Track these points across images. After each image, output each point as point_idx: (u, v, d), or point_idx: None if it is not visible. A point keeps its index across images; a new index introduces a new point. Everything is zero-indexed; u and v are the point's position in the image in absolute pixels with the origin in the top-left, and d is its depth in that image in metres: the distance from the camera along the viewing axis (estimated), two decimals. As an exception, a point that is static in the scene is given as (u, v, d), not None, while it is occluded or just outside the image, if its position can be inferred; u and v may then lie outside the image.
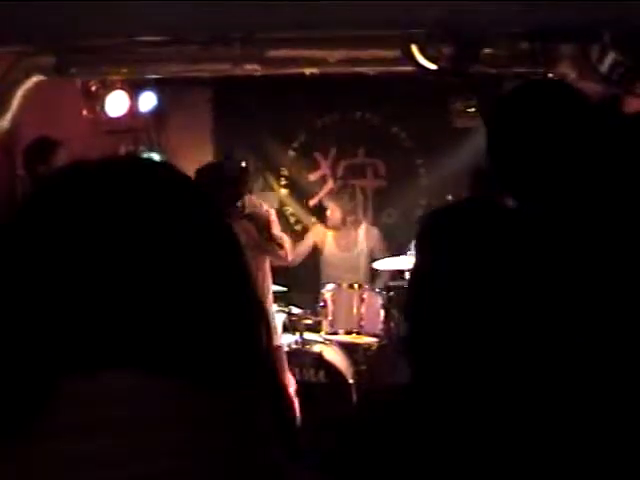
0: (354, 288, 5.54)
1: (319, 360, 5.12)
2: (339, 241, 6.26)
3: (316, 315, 5.63)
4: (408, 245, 5.43)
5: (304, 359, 5.08)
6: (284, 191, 7.28)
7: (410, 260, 5.38)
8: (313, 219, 6.97)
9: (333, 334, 5.45)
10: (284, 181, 7.28)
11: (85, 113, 6.23)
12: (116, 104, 6.31)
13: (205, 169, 4.35)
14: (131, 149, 6.52)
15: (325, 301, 5.52)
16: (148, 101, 6.63)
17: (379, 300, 5.55)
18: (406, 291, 1.37)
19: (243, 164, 4.75)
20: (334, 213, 6.22)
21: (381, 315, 5.51)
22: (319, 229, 6.43)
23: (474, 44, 4.91)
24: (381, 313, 5.51)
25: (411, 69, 5.11)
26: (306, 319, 5.55)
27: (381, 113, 7.05)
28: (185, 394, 0.75)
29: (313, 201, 7.16)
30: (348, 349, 5.44)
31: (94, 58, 5.38)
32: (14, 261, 0.77)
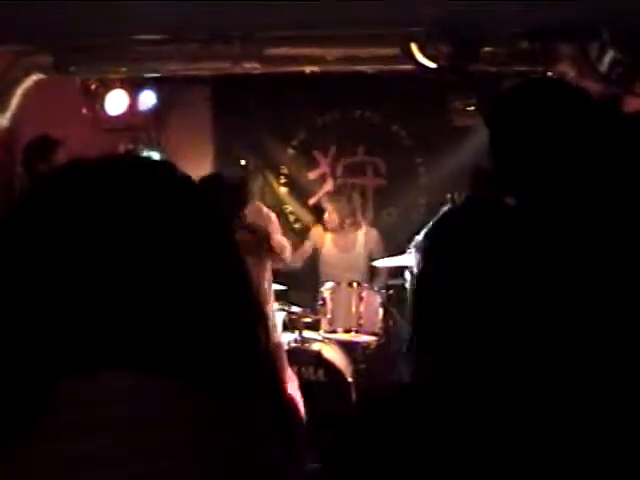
0: (353, 287, 5.53)
1: (318, 358, 5.12)
2: (338, 242, 6.25)
3: (315, 313, 5.62)
4: (408, 244, 5.43)
5: (303, 357, 5.08)
6: (283, 189, 7.27)
7: (410, 259, 5.37)
8: (312, 218, 6.96)
9: (332, 332, 5.44)
10: (283, 179, 7.27)
11: (85, 111, 6.23)
12: (115, 102, 6.30)
13: (205, 180, 4.34)
14: (130, 147, 6.51)
15: (324, 299, 5.52)
16: (147, 99, 6.62)
17: (378, 299, 5.55)
18: (412, 292, 1.37)
19: (243, 174, 4.69)
20: (332, 215, 6.21)
21: (380, 314, 5.50)
22: (318, 230, 6.42)
23: (474, 43, 4.91)
24: (380, 312, 5.51)
25: (411, 67, 5.10)
26: (305, 317, 5.55)
27: (381, 111, 7.04)
28: (185, 394, 0.75)
29: (312, 200, 7.15)
30: (347, 347, 5.44)
31: (93, 57, 5.37)
32: (12, 260, 0.77)
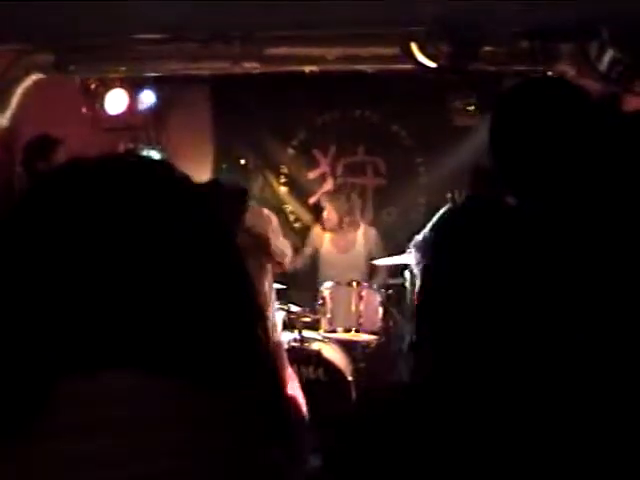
0: (353, 286, 5.53)
1: (318, 358, 5.12)
2: (337, 242, 6.24)
3: (315, 313, 5.62)
4: (407, 244, 5.42)
5: (303, 357, 5.07)
6: (283, 189, 7.28)
7: (409, 258, 5.36)
8: (312, 217, 6.96)
9: (332, 332, 5.44)
10: (284, 179, 7.27)
11: (84, 111, 6.23)
12: (115, 102, 6.30)
13: (204, 186, 4.30)
14: (130, 147, 6.52)
15: (324, 299, 5.52)
16: (147, 99, 6.62)
17: (378, 298, 5.55)
18: (417, 293, 1.37)
19: (242, 179, 4.61)
20: (330, 215, 6.20)
21: (380, 313, 5.51)
22: (317, 230, 6.41)
23: (473, 42, 4.90)
24: (380, 311, 5.51)
25: (411, 67, 5.10)
26: (305, 317, 5.55)
27: (381, 111, 7.04)
28: (185, 394, 0.75)
29: (313, 199, 7.15)
30: (347, 347, 5.44)
31: (93, 56, 5.37)
32: (12, 260, 0.77)
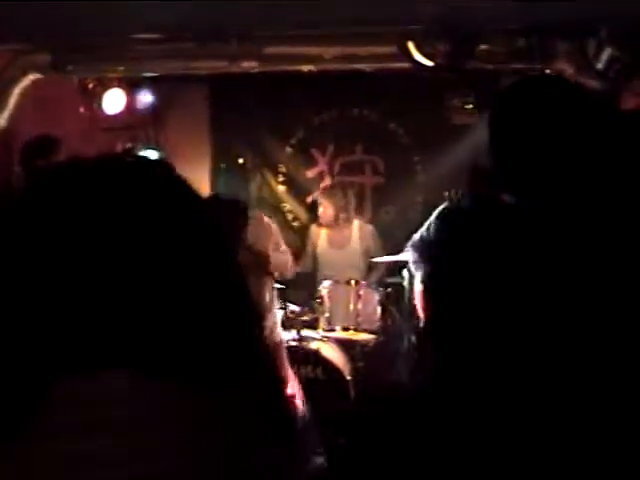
0: (351, 285, 5.53)
1: (316, 357, 5.12)
2: (332, 239, 6.24)
3: (313, 312, 5.62)
4: (405, 242, 5.43)
5: (301, 356, 5.08)
6: (282, 188, 7.28)
7: (407, 256, 5.38)
8: (310, 216, 6.96)
9: (330, 331, 5.44)
10: (282, 178, 7.27)
11: (82, 111, 6.23)
12: (113, 101, 6.30)
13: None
14: (128, 146, 6.51)
15: (322, 298, 5.52)
16: (145, 98, 6.62)
17: (376, 296, 5.55)
18: (422, 293, 1.38)
19: (242, 201, 4.54)
20: (326, 210, 6.19)
21: (378, 312, 5.51)
22: (315, 228, 6.41)
23: (470, 40, 4.91)
24: (378, 310, 5.51)
25: (408, 65, 5.10)
26: (303, 316, 5.55)
27: (379, 110, 7.03)
28: (185, 394, 0.75)
29: (311, 198, 7.16)
30: (345, 346, 5.44)
31: (91, 56, 5.37)
32: (11, 260, 0.77)
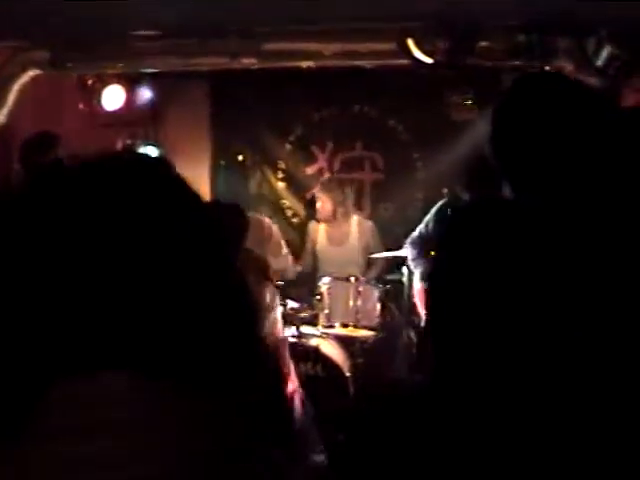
0: (350, 281, 5.53)
1: (316, 353, 5.12)
2: (331, 235, 6.22)
3: (312, 308, 5.62)
4: (404, 239, 5.43)
5: (301, 353, 5.08)
6: (281, 184, 7.28)
7: (406, 252, 5.39)
8: (309, 212, 6.95)
9: (329, 327, 5.45)
10: (281, 174, 7.27)
11: (81, 107, 6.22)
12: (113, 98, 6.30)
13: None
14: (128, 143, 6.51)
15: (321, 294, 5.52)
16: (145, 95, 6.62)
17: (375, 293, 5.55)
18: (423, 292, 1.38)
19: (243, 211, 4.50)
20: (324, 205, 6.18)
21: (377, 308, 5.51)
22: (314, 225, 6.40)
23: (470, 37, 4.90)
24: (377, 306, 5.52)
25: (408, 62, 5.10)
26: (303, 312, 5.55)
27: (378, 106, 7.03)
28: (184, 395, 0.75)
29: (309, 194, 7.16)
30: (345, 342, 5.44)
31: (90, 52, 5.36)
32: (9, 259, 0.77)
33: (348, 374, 5.09)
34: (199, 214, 0.84)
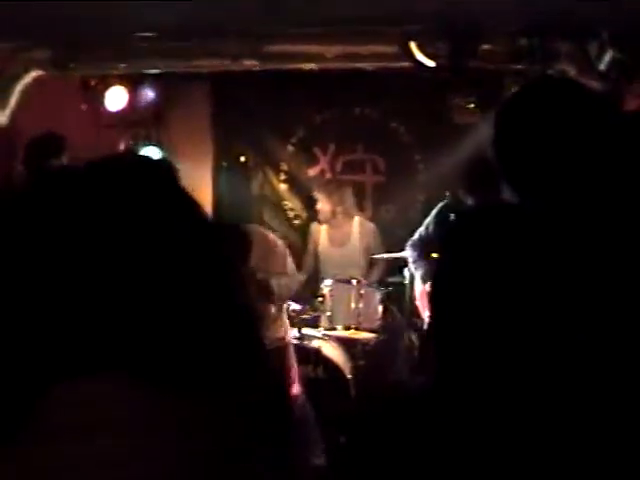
0: (352, 283, 5.54)
1: (317, 356, 5.12)
2: (332, 237, 6.21)
3: (314, 310, 5.62)
4: (406, 241, 5.43)
5: (302, 355, 5.08)
6: (283, 186, 7.28)
7: (407, 254, 5.39)
8: (310, 214, 6.95)
9: (331, 329, 5.45)
10: (283, 176, 7.27)
11: (84, 108, 6.23)
12: (115, 99, 6.30)
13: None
14: (130, 144, 6.51)
15: (323, 296, 5.53)
16: (147, 96, 6.62)
17: (377, 295, 5.56)
18: (426, 294, 1.38)
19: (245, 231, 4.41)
20: (324, 206, 6.17)
21: (379, 311, 5.52)
22: (315, 226, 6.39)
23: (472, 40, 4.90)
24: (379, 309, 5.52)
25: (410, 64, 5.10)
26: (304, 314, 5.55)
27: (380, 108, 7.03)
28: (184, 395, 0.76)
29: (310, 195, 7.15)
30: (346, 344, 5.44)
31: (93, 53, 5.37)
32: (10, 260, 0.77)
33: (349, 376, 5.09)
34: (198, 216, 0.84)
